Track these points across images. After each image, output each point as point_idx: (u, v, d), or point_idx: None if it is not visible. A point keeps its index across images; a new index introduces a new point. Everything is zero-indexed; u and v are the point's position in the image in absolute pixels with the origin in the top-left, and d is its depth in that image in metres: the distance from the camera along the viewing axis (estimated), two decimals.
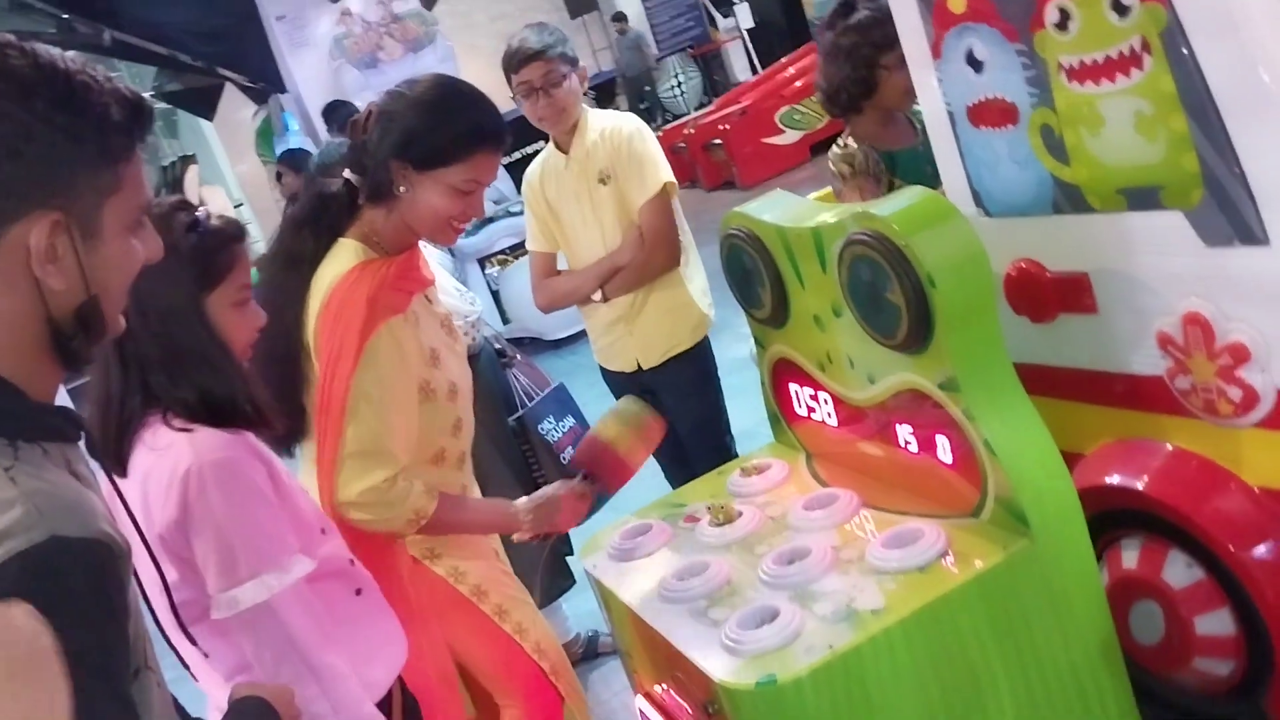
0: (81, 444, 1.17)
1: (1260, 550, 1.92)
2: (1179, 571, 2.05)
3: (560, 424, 3.47)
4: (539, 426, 3.38)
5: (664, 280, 3.11)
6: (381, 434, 2.00)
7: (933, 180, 2.34)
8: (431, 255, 2.80)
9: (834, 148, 2.68)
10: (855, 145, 2.60)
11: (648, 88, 14.56)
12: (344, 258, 2.06)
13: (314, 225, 2.09)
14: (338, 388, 2.00)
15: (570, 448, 3.42)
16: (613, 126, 3.09)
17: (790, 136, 10.67)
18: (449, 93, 2.07)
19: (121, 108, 1.10)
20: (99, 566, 1.05)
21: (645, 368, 3.18)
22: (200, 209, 1.75)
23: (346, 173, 2.12)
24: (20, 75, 1.04)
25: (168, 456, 1.63)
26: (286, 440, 2.20)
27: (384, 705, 1.79)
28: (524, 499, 2.25)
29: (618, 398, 3.32)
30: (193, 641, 1.54)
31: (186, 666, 1.67)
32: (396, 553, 2.12)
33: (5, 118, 1.03)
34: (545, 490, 2.29)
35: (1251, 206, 1.74)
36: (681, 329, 3.17)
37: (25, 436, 1.08)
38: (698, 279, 3.20)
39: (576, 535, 3.18)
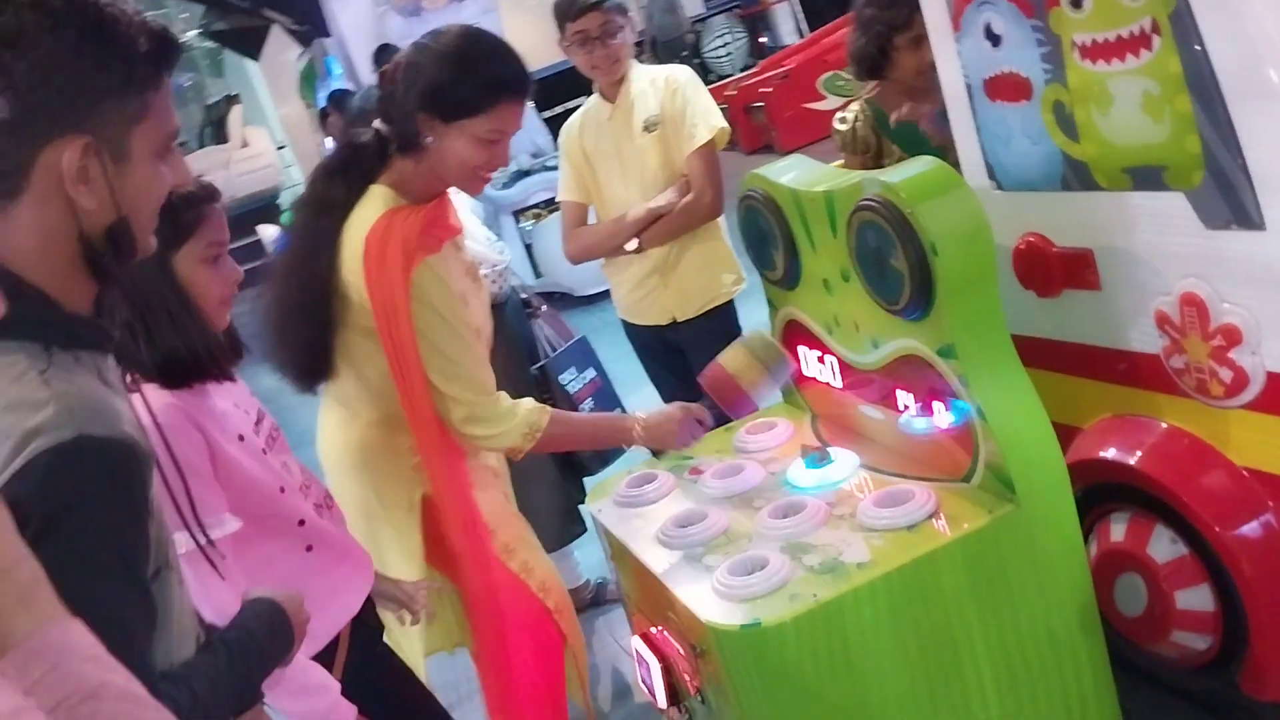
0: (111, 355, 1.26)
1: (1242, 529, 1.96)
2: (1164, 546, 2.10)
3: (581, 375, 3.53)
4: (560, 377, 3.44)
5: (702, 233, 3.11)
6: (458, 359, 2.11)
7: (932, 154, 2.38)
8: (464, 203, 2.86)
9: (841, 113, 2.74)
10: (856, 118, 2.67)
11: (684, 53, 14.47)
12: (375, 204, 2.14)
13: (345, 173, 2.17)
14: (402, 330, 2.08)
15: (590, 399, 3.49)
16: (665, 75, 3.13)
17: (832, 102, 10.56)
18: (472, 45, 2.13)
19: (149, 39, 1.18)
20: (123, 465, 1.14)
21: (681, 319, 3.17)
22: None
23: (377, 123, 2.19)
24: (52, 7, 1.12)
25: None
26: (311, 379, 2.29)
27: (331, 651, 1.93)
28: (640, 413, 2.35)
29: (643, 355, 3.38)
30: (210, 554, 1.63)
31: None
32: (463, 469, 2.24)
33: (38, 46, 1.11)
34: (664, 408, 2.37)
35: (1250, 191, 1.78)
36: (720, 281, 3.17)
37: (59, 344, 1.17)
38: (729, 238, 3.22)
39: (588, 484, 3.28)
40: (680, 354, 3.17)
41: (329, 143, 8.26)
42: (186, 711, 1.12)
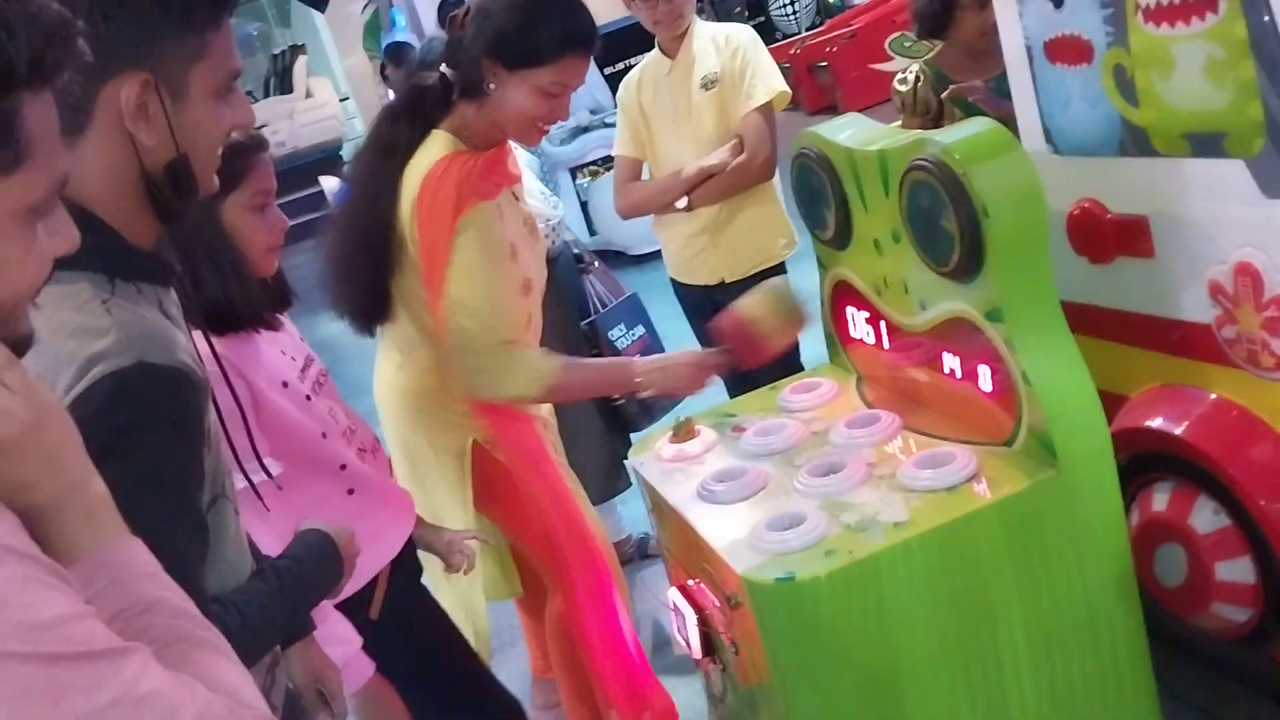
0: (172, 289, 1.30)
1: None
2: (1206, 517, 2.08)
3: (631, 332, 3.55)
4: (609, 333, 3.47)
5: (756, 194, 3.11)
6: (480, 304, 2.13)
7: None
8: (520, 158, 2.89)
9: (901, 74, 2.71)
10: (917, 79, 2.64)
11: (737, 10, 14.31)
12: (436, 147, 2.16)
13: (410, 116, 2.20)
14: (439, 268, 2.11)
15: (638, 354, 3.52)
16: (726, 34, 3.11)
17: (900, 64, 10.36)
18: None
19: None
20: (180, 392, 1.18)
21: (730, 281, 3.16)
22: None
23: (443, 67, 2.22)
24: None
25: None
26: (369, 321, 2.33)
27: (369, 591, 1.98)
28: (643, 359, 2.36)
29: (692, 316, 3.39)
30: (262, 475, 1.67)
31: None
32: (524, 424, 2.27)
33: None
34: (668, 354, 2.40)
35: None
36: (772, 244, 3.17)
37: (122, 275, 1.21)
38: (783, 201, 3.21)
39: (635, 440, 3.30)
40: None
41: (390, 95, 8.33)
42: (236, 634, 1.17)
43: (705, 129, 3.10)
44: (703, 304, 3.25)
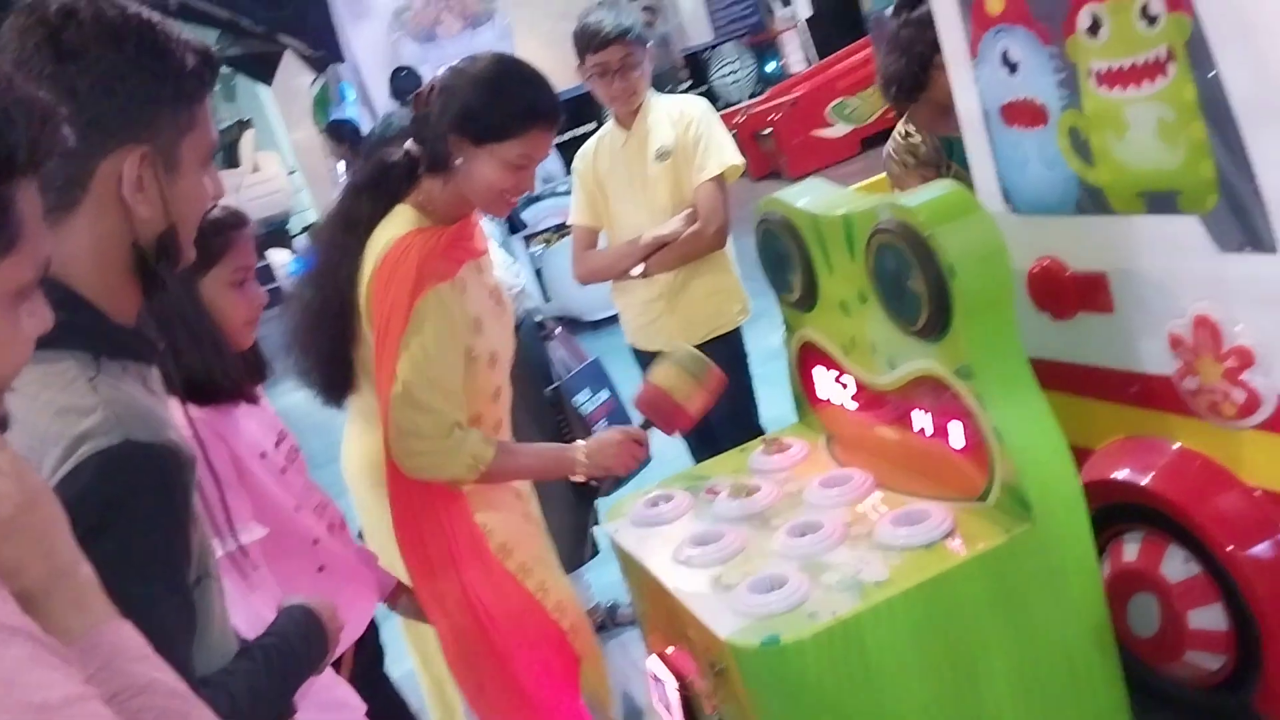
0: (155, 366, 1.29)
1: (1255, 549, 1.99)
2: (1176, 566, 2.12)
3: (595, 396, 3.55)
4: (574, 398, 3.47)
5: (710, 262, 3.16)
6: (424, 388, 2.11)
7: None
8: (482, 227, 2.91)
9: (895, 137, 2.77)
10: (917, 135, 2.69)
11: (669, 86, 14.65)
12: (399, 222, 2.17)
13: (373, 191, 2.21)
14: (390, 349, 2.11)
15: (604, 420, 3.52)
16: (681, 107, 3.18)
17: (840, 129, 10.67)
18: (507, 71, 2.17)
19: (194, 55, 1.25)
20: (168, 470, 1.17)
21: None
22: None
23: (409, 143, 2.24)
24: (114, 24, 1.19)
25: None
26: (335, 394, 2.32)
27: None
28: (580, 442, 2.35)
29: None
30: (242, 562, 1.65)
31: None
32: (441, 503, 2.23)
33: (102, 61, 1.17)
34: (602, 434, 2.38)
35: (1263, 215, 1.81)
36: (726, 310, 3.22)
37: (107, 353, 1.21)
38: (736, 268, 3.27)
39: (603, 506, 3.30)
40: None
41: (341, 167, 8.39)
42: (226, 717, 1.14)
43: (660, 199, 3.16)
44: None
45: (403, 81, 8.53)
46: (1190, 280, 1.98)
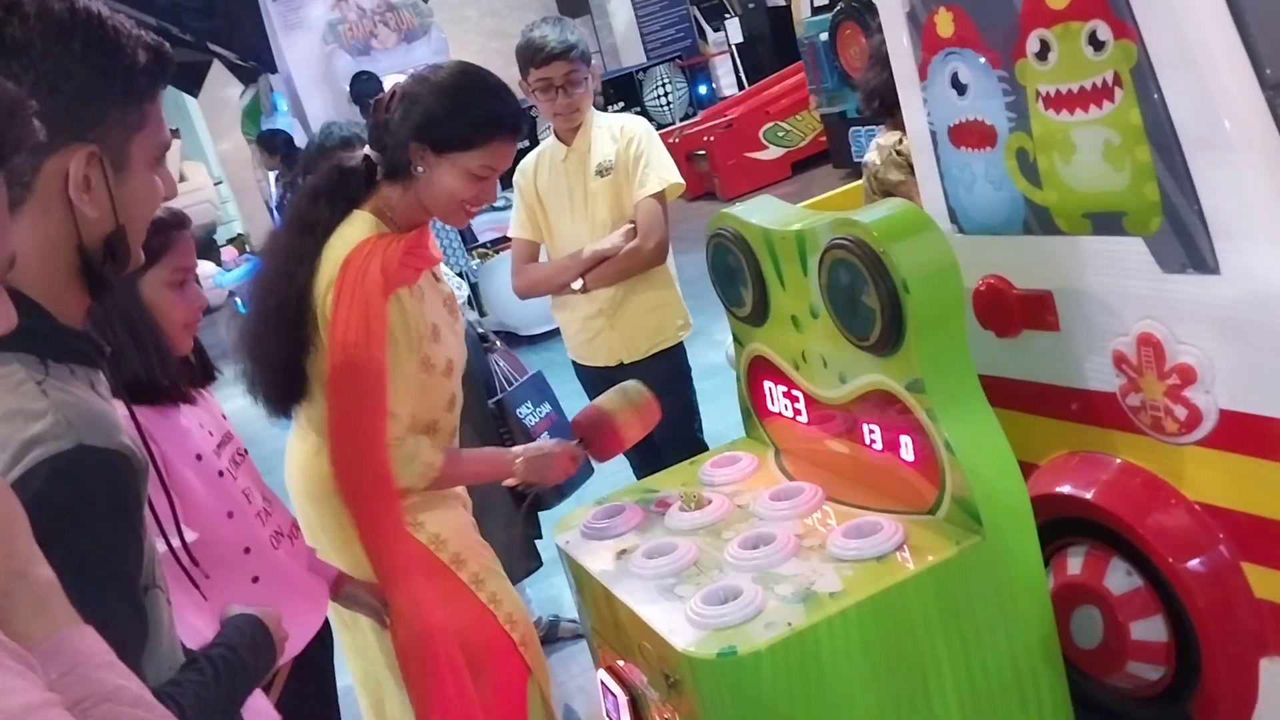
0: (102, 369, 1.26)
1: (1195, 562, 2.04)
2: (1119, 579, 2.17)
3: (538, 410, 3.54)
4: (517, 410, 3.45)
5: (652, 277, 3.17)
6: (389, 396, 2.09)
7: None
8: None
9: (888, 149, 2.82)
10: (893, 144, 2.75)
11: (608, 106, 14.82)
12: (358, 228, 2.15)
13: (331, 196, 2.19)
14: (374, 354, 2.08)
15: (546, 433, 3.50)
16: (622, 124, 3.19)
17: (773, 152, 10.81)
18: (472, 80, 2.17)
19: (147, 52, 1.21)
20: (120, 476, 1.14)
21: (628, 362, 3.22)
22: None
23: (367, 149, 2.22)
24: (61, 19, 1.15)
25: None
26: (284, 403, 2.27)
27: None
28: (519, 447, 2.37)
29: (591, 394, 3.40)
30: (192, 572, 1.61)
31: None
32: (387, 517, 2.20)
33: (48, 56, 1.14)
34: (540, 443, 2.41)
35: (1205, 237, 1.87)
36: (668, 325, 3.24)
37: (54, 356, 1.17)
38: (678, 283, 3.29)
39: (551, 517, 3.28)
40: None
41: (272, 178, 8.28)
42: None
43: (600, 214, 3.17)
44: (601, 384, 3.24)
45: (363, 86, 8.45)
46: (1134, 300, 2.03)
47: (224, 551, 1.88)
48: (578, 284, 3.17)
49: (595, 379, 3.31)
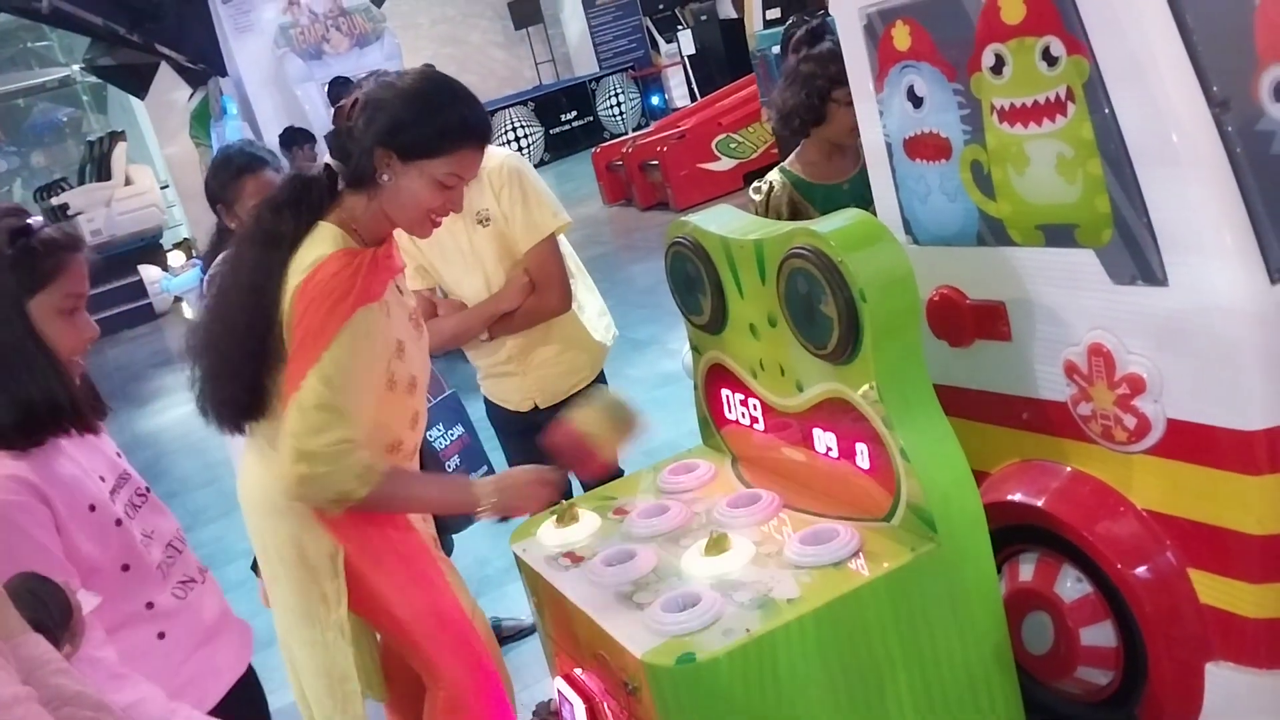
0: None
1: (1143, 568, 2.08)
2: (1069, 585, 2.20)
3: (449, 432, 3.45)
4: (427, 433, 3.34)
5: (554, 326, 3.01)
6: (328, 398, 2.03)
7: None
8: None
9: (756, 182, 2.85)
10: (770, 188, 2.79)
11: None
12: (325, 241, 2.10)
13: (294, 207, 2.13)
14: (301, 364, 2.04)
15: (456, 456, 3.43)
16: (489, 168, 2.85)
17: (725, 164, 10.88)
18: (439, 86, 2.13)
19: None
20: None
21: (544, 407, 3.05)
22: (35, 219, 1.77)
23: (327, 157, 2.18)
24: None
25: None
26: (243, 417, 2.22)
27: None
28: (489, 477, 2.27)
29: (503, 434, 3.25)
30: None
31: None
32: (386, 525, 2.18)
33: None
34: (511, 471, 2.31)
35: (1155, 250, 1.91)
36: (582, 364, 3.10)
37: None
38: (590, 304, 3.14)
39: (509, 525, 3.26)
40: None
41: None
42: None
43: (489, 264, 2.96)
44: (515, 424, 3.13)
45: (340, 90, 8.34)
46: (1085, 310, 2.07)
47: (126, 611, 1.79)
48: (484, 335, 3.01)
49: (508, 420, 3.15)
